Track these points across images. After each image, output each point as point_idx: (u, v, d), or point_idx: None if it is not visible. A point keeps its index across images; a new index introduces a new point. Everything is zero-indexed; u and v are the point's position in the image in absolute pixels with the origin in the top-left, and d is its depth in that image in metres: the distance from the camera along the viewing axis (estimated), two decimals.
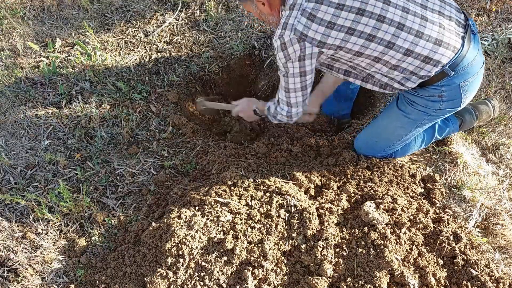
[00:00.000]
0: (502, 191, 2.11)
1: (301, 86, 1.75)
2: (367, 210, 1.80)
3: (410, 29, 1.55)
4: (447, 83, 1.68)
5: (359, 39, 1.55)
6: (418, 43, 1.56)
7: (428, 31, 1.57)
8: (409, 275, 1.67)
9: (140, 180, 2.18)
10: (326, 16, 1.51)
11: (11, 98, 2.48)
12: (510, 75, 2.52)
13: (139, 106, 2.48)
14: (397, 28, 1.54)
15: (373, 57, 1.62)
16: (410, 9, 1.56)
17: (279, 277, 1.70)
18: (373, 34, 1.54)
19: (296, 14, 1.54)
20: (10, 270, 1.88)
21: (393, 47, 1.57)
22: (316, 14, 1.52)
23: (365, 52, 1.59)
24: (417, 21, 1.56)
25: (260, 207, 1.83)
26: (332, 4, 1.52)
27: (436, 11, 1.61)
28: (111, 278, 1.79)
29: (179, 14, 2.90)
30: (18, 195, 2.09)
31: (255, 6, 1.75)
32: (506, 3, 2.77)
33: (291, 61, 1.63)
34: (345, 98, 2.52)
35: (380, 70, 1.69)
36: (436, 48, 1.58)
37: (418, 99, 1.80)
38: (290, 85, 1.75)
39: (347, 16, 1.51)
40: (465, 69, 1.65)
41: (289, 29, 1.55)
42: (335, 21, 1.52)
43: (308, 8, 1.53)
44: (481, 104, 2.22)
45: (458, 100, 1.75)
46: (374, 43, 1.56)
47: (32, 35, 2.77)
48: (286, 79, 1.74)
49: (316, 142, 2.30)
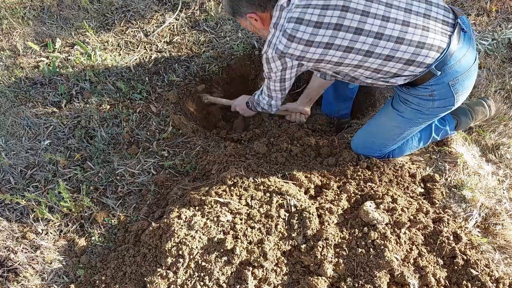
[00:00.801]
0: (502, 191, 2.11)
1: (280, 89, 1.95)
2: (367, 210, 1.80)
3: (390, 37, 1.57)
4: (435, 82, 1.69)
5: (337, 51, 1.60)
6: (398, 48, 1.59)
7: (410, 36, 1.58)
8: (409, 275, 1.67)
9: (140, 180, 2.18)
10: (304, 36, 1.58)
11: (11, 98, 2.48)
12: (510, 75, 2.52)
13: (139, 106, 2.48)
14: (375, 38, 1.57)
15: (353, 65, 1.67)
16: (391, 17, 1.57)
17: (279, 277, 1.70)
18: (350, 46, 1.59)
19: (278, 35, 1.65)
20: (10, 270, 1.88)
21: (371, 55, 1.61)
22: (295, 34, 1.59)
23: (344, 62, 1.65)
24: (397, 28, 1.57)
25: (260, 207, 1.83)
26: (310, 23, 1.57)
27: (421, 14, 1.62)
28: (111, 278, 1.79)
29: (179, 14, 2.90)
30: (18, 195, 2.09)
31: (248, 22, 1.89)
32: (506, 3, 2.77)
33: (274, 72, 1.79)
34: (345, 98, 2.52)
35: (363, 74, 1.74)
36: (418, 50, 1.60)
37: (410, 98, 1.82)
38: (271, 86, 1.95)
39: (324, 33, 1.57)
40: (452, 67, 1.65)
41: (272, 47, 1.68)
42: (313, 39, 1.58)
43: (288, 29, 1.60)
44: (476, 105, 2.22)
45: (450, 99, 1.76)
46: (352, 54, 1.61)
47: (32, 35, 2.77)
48: (268, 81, 1.93)
49: (316, 142, 2.30)
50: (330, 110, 2.63)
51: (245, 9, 1.82)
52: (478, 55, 2.56)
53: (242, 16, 1.86)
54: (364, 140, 2.12)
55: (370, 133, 2.09)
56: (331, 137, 2.35)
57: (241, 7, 1.82)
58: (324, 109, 2.66)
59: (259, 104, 2.18)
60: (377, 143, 2.08)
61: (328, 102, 2.59)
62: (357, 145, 2.17)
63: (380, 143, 2.07)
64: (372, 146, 2.10)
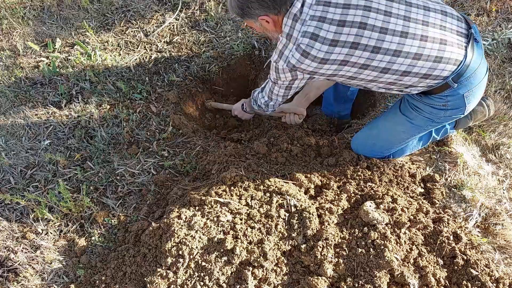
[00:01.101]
0: (502, 191, 2.11)
1: (283, 95, 1.91)
2: (367, 210, 1.80)
3: (408, 54, 1.55)
4: (450, 93, 1.68)
5: (352, 68, 1.58)
6: (416, 64, 1.57)
7: (428, 51, 1.56)
8: (409, 275, 1.67)
9: (140, 180, 2.18)
10: (319, 54, 1.54)
11: (11, 98, 2.48)
12: (510, 75, 2.51)
13: (139, 106, 2.48)
14: (393, 55, 1.55)
15: (367, 80, 1.66)
16: (409, 32, 1.54)
17: (279, 277, 1.70)
18: (367, 63, 1.57)
19: (292, 48, 1.59)
20: (10, 270, 1.88)
21: (388, 71, 1.59)
22: (310, 51, 1.55)
23: (359, 77, 1.63)
24: (415, 44, 1.55)
25: (260, 207, 1.83)
26: (326, 41, 1.52)
27: (437, 26, 1.59)
28: (111, 278, 1.79)
29: (179, 14, 2.90)
30: (18, 195, 2.09)
31: (258, 24, 1.75)
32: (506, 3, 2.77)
33: (281, 81, 1.76)
34: (345, 100, 2.52)
35: (376, 85, 1.72)
36: (435, 65, 1.58)
37: (422, 106, 1.80)
38: (275, 90, 1.90)
39: (340, 51, 1.53)
40: (468, 79, 1.65)
41: (284, 60, 1.63)
42: (329, 57, 1.56)
43: (302, 45, 1.55)
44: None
45: (462, 108, 1.76)
46: (368, 70, 1.59)
47: (32, 35, 2.77)
48: (272, 85, 1.88)
49: (316, 142, 2.30)
50: (331, 111, 2.63)
51: (257, 11, 1.67)
52: None
53: (253, 17, 1.72)
54: (365, 142, 2.11)
55: (372, 136, 2.08)
56: (331, 137, 2.35)
57: (252, 9, 1.67)
58: (324, 110, 2.66)
59: (256, 101, 2.14)
60: (379, 146, 2.07)
61: (329, 103, 2.58)
62: (357, 146, 2.16)
63: (382, 145, 2.07)
64: (373, 149, 2.10)
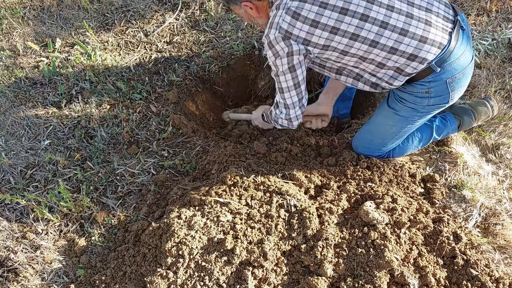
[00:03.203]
0: (502, 191, 2.11)
1: (294, 84, 1.76)
2: (367, 210, 1.80)
3: (394, 27, 1.56)
4: (433, 79, 1.69)
5: (343, 38, 1.57)
6: (402, 41, 1.58)
7: (413, 29, 1.57)
8: (409, 275, 1.67)
9: (140, 180, 2.18)
10: (310, 15, 1.54)
11: (11, 98, 2.48)
12: (510, 75, 2.51)
13: (139, 106, 2.48)
14: (380, 26, 1.55)
15: (359, 56, 1.64)
16: (395, 7, 1.57)
17: (279, 277, 1.70)
18: (356, 33, 1.56)
19: (281, 13, 1.58)
20: (10, 270, 1.88)
21: (376, 45, 1.59)
22: (300, 12, 1.54)
23: (350, 51, 1.62)
24: (401, 19, 1.56)
25: (260, 207, 1.83)
26: (316, 2, 1.54)
27: (423, 8, 1.62)
28: (111, 278, 1.79)
29: (179, 14, 2.90)
30: (18, 195, 2.09)
31: (243, 10, 1.79)
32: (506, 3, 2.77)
33: (280, 57, 1.65)
34: (343, 98, 2.52)
35: (367, 68, 1.71)
36: (421, 45, 1.59)
37: (406, 95, 1.81)
38: (283, 84, 1.77)
39: (330, 15, 1.54)
40: (451, 65, 1.65)
41: (275, 27, 1.59)
42: (319, 20, 1.54)
43: (293, 7, 1.55)
44: (479, 105, 2.22)
45: (446, 96, 1.76)
46: (358, 42, 1.58)
47: (32, 35, 2.77)
48: (278, 78, 1.77)
49: (316, 142, 2.30)
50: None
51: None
52: (478, 55, 2.56)
53: (237, 3, 1.77)
54: (363, 139, 2.13)
55: (368, 133, 2.09)
56: (331, 137, 2.35)
57: None
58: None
59: (277, 121, 1.99)
60: (375, 142, 2.08)
61: None
62: (357, 145, 2.17)
63: (378, 142, 2.07)
64: (370, 146, 2.10)
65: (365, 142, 2.12)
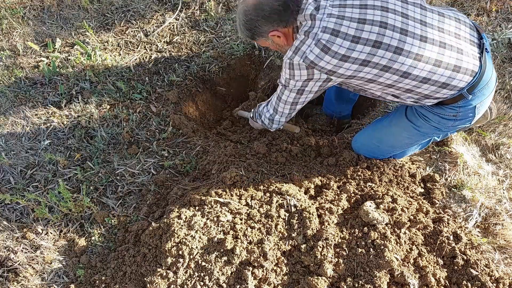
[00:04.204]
0: (502, 191, 2.11)
1: (293, 102, 1.77)
2: (367, 210, 1.80)
3: (428, 59, 1.52)
4: (463, 104, 1.67)
5: (373, 69, 1.53)
6: (436, 71, 1.54)
7: (447, 59, 1.54)
8: (409, 275, 1.67)
9: (140, 180, 2.18)
10: (340, 50, 1.48)
11: (11, 98, 2.48)
12: (510, 75, 2.51)
13: (139, 106, 2.48)
14: (414, 59, 1.51)
15: (386, 84, 1.60)
16: (428, 37, 1.52)
17: (279, 277, 1.70)
18: (388, 65, 1.51)
19: (310, 43, 1.51)
20: (10, 270, 1.88)
21: (408, 76, 1.55)
22: (331, 47, 1.48)
23: (378, 80, 1.57)
24: (435, 49, 1.53)
25: (260, 207, 1.83)
26: (348, 36, 1.47)
27: (453, 34, 1.58)
28: (111, 278, 1.79)
29: (179, 14, 2.90)
30: (18, 195, 2.09)
31: (270, 41, 1.73)
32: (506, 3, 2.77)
33: (295, 80, 1.62)
34: (347, 100, 2.51)
35: (392, 93, 1.67)
36: (454, 74, 1.56)
37: (431, 115, 1.78)
38: (283, 96, 1.77)
39: (362, 49, 1.48)
40: (481, 91, 1.65)
41: (300, 55, 1.54)
42: (350, 54, 1.49)
43: (323, 40, 1.49)
44: None
45: (471, 118, 1.75)
46: (389, 73, 1.54)
47: (32, 35, 2.77)
48: (282, 89, 1.75)
49: (316, 142, 2.30)
50: (332, 111, 2.63)
51: (265, 28, 1.64)
52: None
53: (263, 36, 1.69)
54: (368, 144, 2.10)
55: (375, 139, 2.06)
56: (331, 137, 2.35)
57: (260, 27, 1.64)
58: (325, 110, 2.66)
59: (260, 115, 2.03)
60: (381, 149, 2.07)
61: (330, 103, 2.58)
62: (359, 148, 2.15)
63: (385, 149, 2.07)
64: (375, 151, 2.10)
65: (371, 147, 2.10)
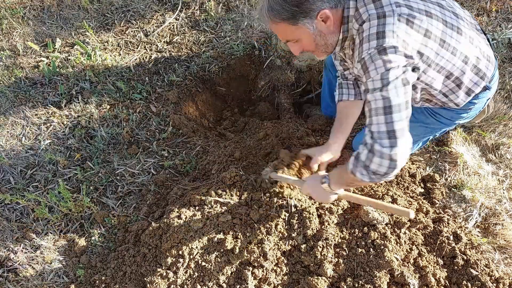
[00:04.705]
0: (502, 191, 2.11)
1: (406, 101, 1.31)
2: (367, 210, 1.80)
3: (468, 37, 1.53)
4: (482, 96, 1.68)
5: (447, 52, 1.47)
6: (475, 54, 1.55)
7: (477, 42, 1.57)
8: (409, 275, 1.67)
9: (140, 180, 2.18)
10: (422, 23, 1.37)
11: (11, 98, 2.48)
12: (510, 75, 2.51)
13: (139, 106, 2.48)
14: (469, 42, 1.52)
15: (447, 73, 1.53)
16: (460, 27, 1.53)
17: (279, 277, 1.70)
18: (456, 47, 1.48)
19: (393, 21, 1.31)
20: (10, 270, 1.88)
21: (467, 61, 1.53)
22: (414, 20, 1.35)
23: (447, 67, 1.50)
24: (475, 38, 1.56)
25: (260, 207, 1.82)
26: (421, 11, 1.39)
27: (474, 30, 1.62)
28: (111, 278, 1.79)
29: (179, 14, 2.90)
30: (18, 195, 2.09)
31: (313, 27, 1.43)
32: (506, 3, 2.77)
33: (393, 68, 1.28)
34: None
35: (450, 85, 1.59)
36: (487, 63, 1.60)
37: (444, 112, 1.78)
38: (393, 100, 1.29)
39: (437, 25, 1.42)
40: (495, 83, 1.70)
41: (390, 36, 1.29)
42: (431, 30, 1.39)
43: (404, 14, 1.34)
44: None
45: (479, 111, 1.78)
46: (456, 58, 1.50)
47: (32, 35, 2.77)
48: (386, 93, 1.29)
49: (316, 142, 2.29)
50: (330, 112, 2.62)
51: (319, 4, 1.36)
52: None
53: (310, 16, 1.39)
54: None
55: None
56: None
57: (313, 2, 1.36)
58: (324, 111, 2.66)
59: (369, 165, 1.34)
60: None
61: (327, 104, 2.58)
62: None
63: None
64: None
65: None
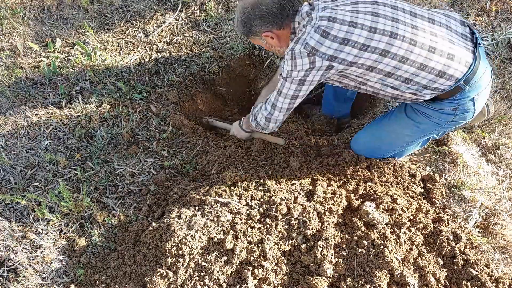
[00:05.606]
0: (502, 191, 2.11)
1: (293, 94, 1.74)
2: (367, 210, 1.80)
3: (423, 45, 1.56)
4: (461, 96, 1.68)
5: (372, 54, 1.56)
6: (432, 58, 1.58)
7: (440, 46, 1.58)
8: (409, 275, 1.67)
9: (140, 180, 2.18)
10: (340, 33, 1.54)
11: (11, 98, 2.48)
12: (510, 75, 2.52)
13: (139, 106, 2.48)
14: (409, 43, 1.55)
15: (386, 72, 1.63)
16: (419, 26, 1.58)
17: (279, 277, 1.70)
18: (386, 49, 1.56)
19: (310, 30, 1.58)
20: (10, 270, 1.88)
21: (406, 61, 1.58)
22: (330, 31, 1.55)
23: (378, 66, 1.60)
24: (427, 37, 1.57)
25: (260, 207, 1.83)
26: (344, 22, 1.55)
27: (443, 25, 1.62)
28: (111, 278, 1.79)
29: (179, 14, 2.90)
30: (18, 195, 2.10)
31: (263, 41, 1.81)
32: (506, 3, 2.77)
33: (297, 70, 1.63)
34: (345, 99, 2.51)
35: (392, 83, 1.68)
36: (449, 62, 1.59)
37: (431, 112, 1.80)
38: (284, 89, 1.74)
39: (360, 33, 1.54)
40: (478, 82, 1.66)
41: (301, 43, 1.58)
42: (349, 38, 1.54)
43: (322, 26, 1.56)
44: None
45: (471, 112, 1.76)
46: (388, 58, 1.57)
47: (32, 35, 2.77)
48: (283, 82, 1.73)
49: (316, 142, 2.30)
50: (331, 110, 2.63)
51: (260, 28, 1.74)
52: None
53: (257, 35, 1.78)
54: (369, 144, 2.09)
55: (375, 138, 2.06)
56: (331, 137, 2.35)
57: (255, 26, 1.74)
58: (324, 110, 2.66)
59: (256, 116, 1.97)
60: (383, 148, 2.07)
61: (329, 102, 2.58)
62: (359, 149, 2.14)
63: (385, 148, 2.06)
64: (376, 151, 2.10)
65: (370, 146, 2.09)
